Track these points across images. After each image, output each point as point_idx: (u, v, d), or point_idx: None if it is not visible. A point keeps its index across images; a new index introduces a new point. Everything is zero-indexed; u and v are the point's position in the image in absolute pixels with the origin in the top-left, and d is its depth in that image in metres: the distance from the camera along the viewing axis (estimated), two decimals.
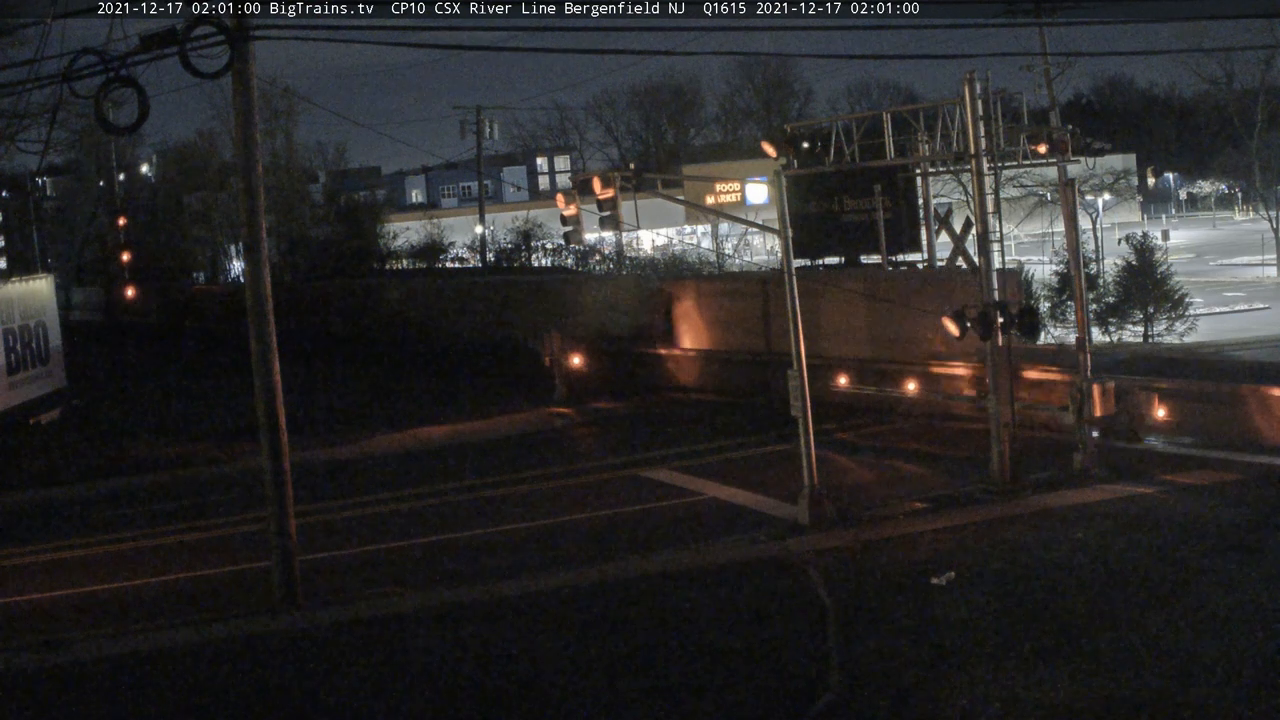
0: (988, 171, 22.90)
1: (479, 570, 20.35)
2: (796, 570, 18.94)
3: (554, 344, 36.70)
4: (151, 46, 17.23)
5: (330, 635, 17.56)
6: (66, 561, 22.98)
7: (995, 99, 23.27)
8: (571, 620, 17.48)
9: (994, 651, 14.74)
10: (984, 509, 21.36)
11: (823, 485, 21.46)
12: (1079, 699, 13.30)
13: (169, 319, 71.35)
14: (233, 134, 20.16)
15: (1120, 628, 15.20)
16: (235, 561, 21.88)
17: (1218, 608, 15.66)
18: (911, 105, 30.81)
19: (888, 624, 16.14)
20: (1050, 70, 51.86)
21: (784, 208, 22.12)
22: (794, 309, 21.54)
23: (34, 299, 38.31)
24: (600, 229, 27.51)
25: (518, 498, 25.43)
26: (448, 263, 64.47)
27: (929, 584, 17.48)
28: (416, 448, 31.98)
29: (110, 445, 33.44)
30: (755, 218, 55.92)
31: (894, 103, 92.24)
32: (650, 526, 22.29)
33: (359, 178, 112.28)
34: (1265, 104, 74.48)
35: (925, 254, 32.37)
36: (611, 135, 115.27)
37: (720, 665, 15.24)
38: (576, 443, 32.22)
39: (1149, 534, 19.15)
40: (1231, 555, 17.80)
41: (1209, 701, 13.02)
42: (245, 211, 18.89)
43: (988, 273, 22.63)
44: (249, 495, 24.00)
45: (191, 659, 16.94)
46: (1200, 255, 75.88)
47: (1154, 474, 22.63)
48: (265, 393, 18.87)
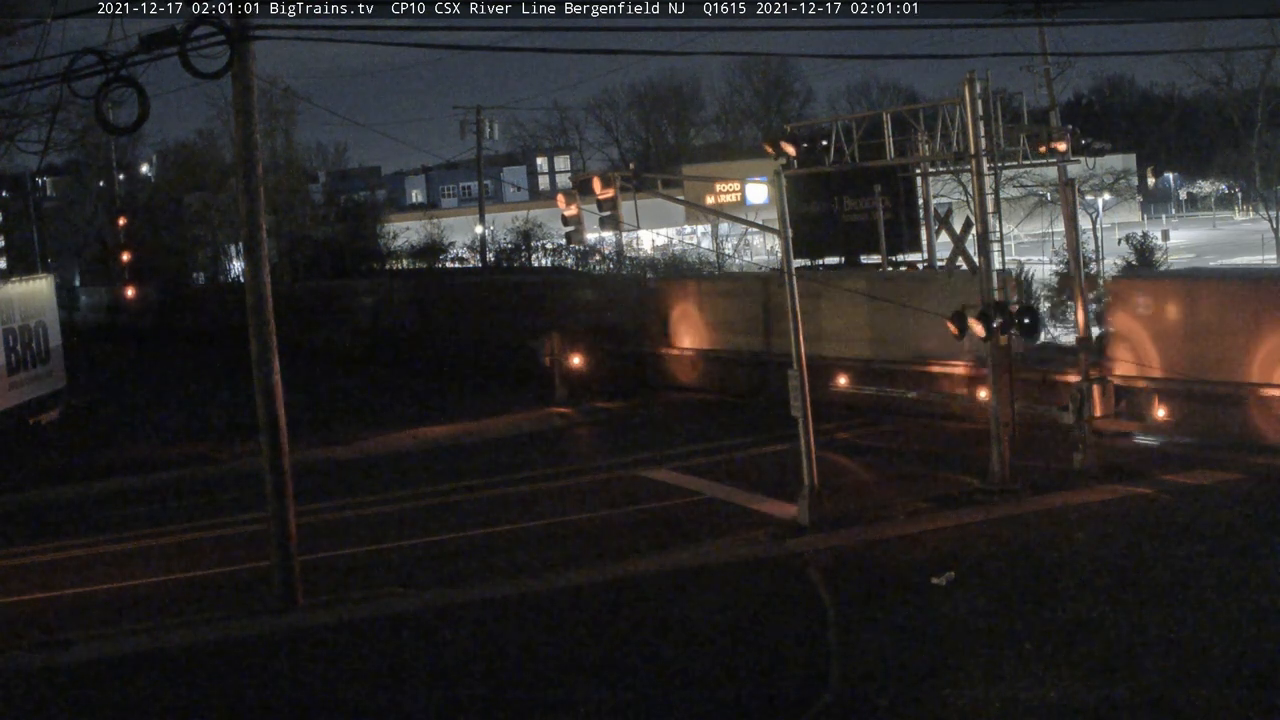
0: (988, 171, 22.90)
1: (479, 570, 20.35)
2: (796, 570, 18.95)
3: (554, 344, 36.70)
4: (151, 46, 17.21)
5: (330, 635, 17.56)
6: (66, 561, 22.97)
7: (995, 99, 23.27)
8: (571, 620, 17.49)
9: (994, 651, 14.74)
10: (984, 509, 21.35)
11: (823, 485, 21.46)
12: (1079, 699, 13.29)
13: (169, 319, 71.36)
14: (233, 134, 20.17)
15: (1120, 628, 15.20)
16: (235, 561, 21.87)
17: (1218, 608, 15.65)
18: (911, 105, 30.84)
19: (888, 624, 16.14)
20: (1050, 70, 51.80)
21: (784, 208, 22.12)
22: (794, 309, 21.53)
23: (34, 299, 38.34)
24: (600, 229, 27.51)
25: (518, 498, 25.42)
26: (448, 263, 64.48)
27: (929, 584, 17.48)
28: (416, 448, 31.98)
29: (110, 445, 33.43)
30: (755, 218, 55.88)
31: (894, 103, 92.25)
32: (650, 526, 22.28)
33: (359, 178, 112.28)
34: (1265, 104, 74.42)
35: (925, 254, 32.36)
36: (611, 135, 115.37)
37: (720, 665, 15.24)
38: (576, 443, 32.22)
39: (1149, 534, 19.15)
40: (1231, 555, 17.79)
41: (1209, 701, 13.02)
42: (245, 211, 18.89)
43: (988, 273, 22.64)
44: (249, 495, 23.98)
45: (191, 659, 16.94)
46: (1200, 255, 75.78)
47: (1154, 474, 22.63)
48: (265, 393, 18.86)
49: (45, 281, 41.10)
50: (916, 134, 26.64)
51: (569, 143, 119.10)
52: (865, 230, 32.97)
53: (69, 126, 43.35)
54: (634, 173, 25.21)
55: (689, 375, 37.17)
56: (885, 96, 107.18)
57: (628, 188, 23.75)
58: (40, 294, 39.19)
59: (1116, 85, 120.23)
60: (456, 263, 64.81)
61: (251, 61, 18.42)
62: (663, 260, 53.01)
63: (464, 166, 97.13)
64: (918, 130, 26.56)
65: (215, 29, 17.39)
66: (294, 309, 50.63)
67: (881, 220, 32.14)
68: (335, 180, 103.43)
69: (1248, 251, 72.81)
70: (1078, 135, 24.82)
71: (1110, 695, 13.33)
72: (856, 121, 26.99)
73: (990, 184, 22.95)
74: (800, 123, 34.71)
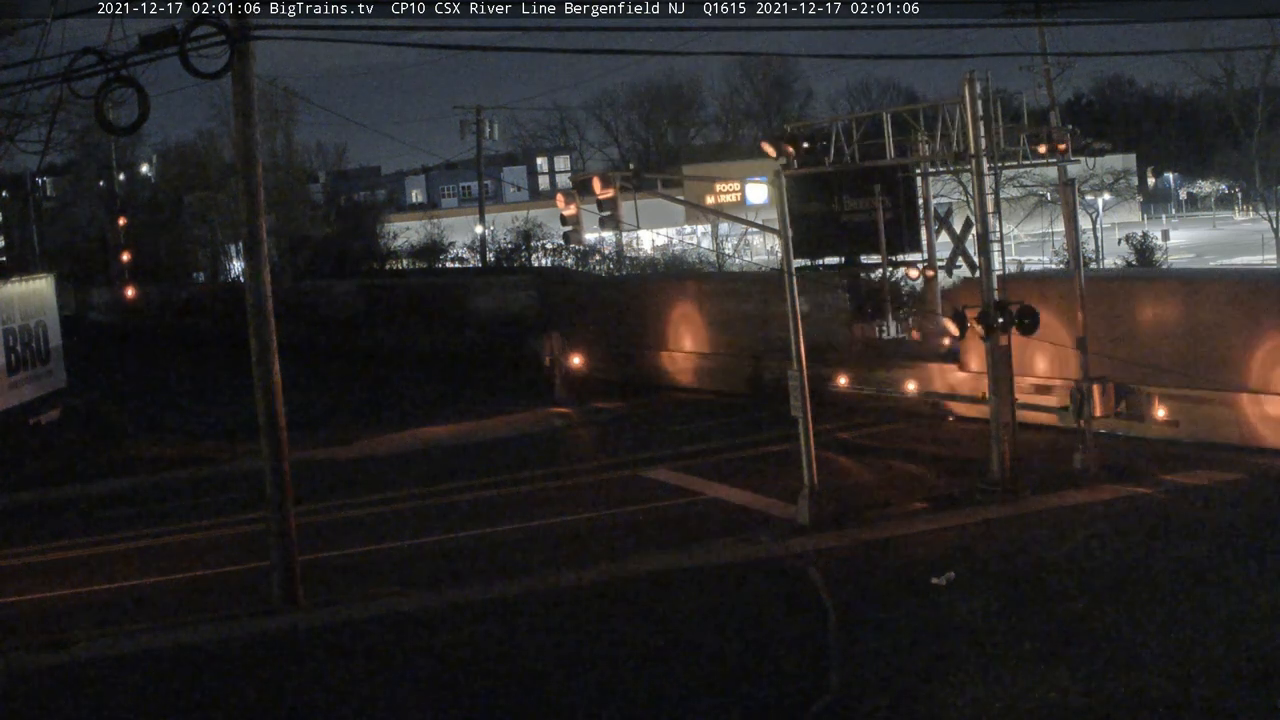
0: (988, 171, 22.89)
1: (479, 570, 20.36)
2: (796, 570, 18.94)
3: (554, 344, 36.69)
4: (151, 46, 17.21)
5: (330, 635, 17.56)
6: (67, 561, 22.99)
7: (995, 99, 23.26)
8: (571, 620, 17.49)
9: (994, 651, 14.73)
10: (984, 509, 21.35)
11: (823, 485, 21.46)
12: (1079, 699, 13.29)
13: (169, 318, 71.35)
14: (233, 134, 20.17)
15: (1120, 628, 15.20)
16: (235, 561, 21.88)
17: (1218, 608, 15.65)
18: (911, 105, 30.78)
19: (888, 624, 16.14)
20: (1050, 70, 51.91)
21: (784, 208, 22.12)
22: (794, 309, 21.54)
23: (34, 299, 38.29)
24: (600, 229, 27.52)
25: (518, 498, 25.43)
26: (448, 263, 64.50)
27: (929, 584, 17.47)
28: (416, 448, 31.98)
29: (110, 445, 33.41)
30: (755, 218, 55.87)
31: (894, 103, 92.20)
32: (650, 526, 22.29)
33: (359, 178, 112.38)
34: (1265, 104, 74.44)
35: (925, 254, 32.33)
36: (611, 135, 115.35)
37: (720, 665, 15.23)
38: (576, 443, 32.22)
39: (1149, 534, 19.16)
40: (1231, 555, 17.79)
41: (1209, 701, 13.02)
42: (245, 211, 18.89)
43: (988, 273, 22.63)
44: (249, 495, 24.00)
45: (191, 659, 16.94)
46: (1200, 255, 75.78)
47: (1154, 474, 22.63)
48: (265, 392, 18.86)
49: (45, 281, 40.99)
50: (916, 134, 26.61)
51: (569, 143, 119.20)
52: (865, 230, 32.90)
53: (69, 126, 43.29)
54: (634, 173, 25.21)
55: (688, 375, 37.16)
56: (885, 96, 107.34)
57: (628, 188, 23.73)
58: (40, 294, 39.13)
59: (1116, 85, 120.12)
60: (456, 263, 64.82)
61: (251, 61, 18.42)
62: (662, 260, 53.04)
63: (464, 166, 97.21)
64: (918, 130, 26.53)
65: (215, 29, 17.39)
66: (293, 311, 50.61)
67: (881, 220, 32.12)
68: (335, 180, 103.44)
69: (1247, 251, 72.79)
70: (1078, 135, 24.81)
71: (1110, 695, 13.33)
72: (856, 121, 26.97)
73: (990, 184, 22.95)
74: (800, 123, 34.61)
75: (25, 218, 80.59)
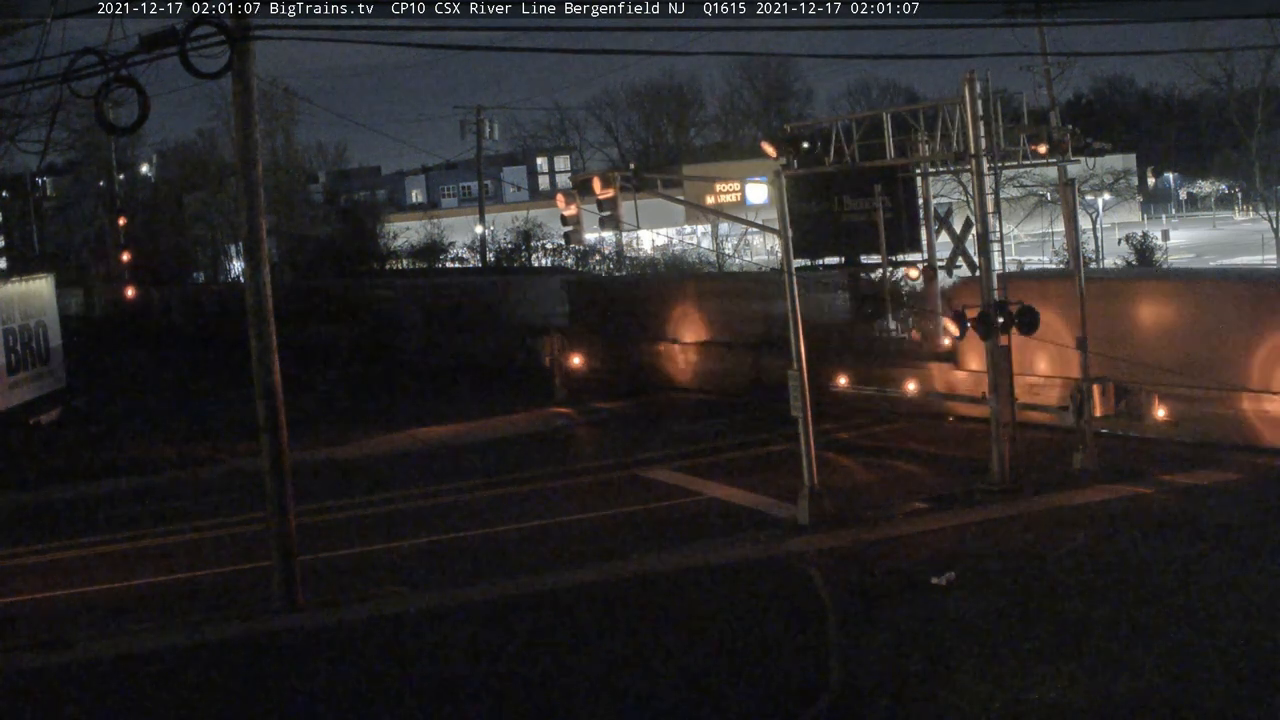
0: (988, 171, 22.89)
1: (479, 570, 20.36)
2: (796, 570, 18.94)
3: (554, 344, 36.69)
4: (151, 46, 17.21)
5: (330, 635, 17.55)
6: (66, 561, 22.98)
7: (995, 99, 23.26)
8: (572, 620, 17.48)
9: (994, 651, 14.73)
10: (984, 509, 21.34)
11: (823, 485, 21.46)
12: (1079, 699, 13.29)
13: (169, 319, 71.36)
14: (233, 134, 20.17)
15: (1120, 628, 15.19)
16: (235, 561, 21.88)
17: (1218, 607, 15.65)
18: (911, 105, 30.80)
19: (888, 624, 16.13)
20: (1050, 70, 51.94)
21: (784, 208, 22.12)
22: (794, 308, 21.53)
23: (34, 299, 38.31)
24: (600, 229, 27.55)
25: (518, 498, 25.43)
26: (448, 263, 64.51)
27: (929, 584, 17.47)
28: (416, 448, 31.98)
29: (110, 445, 33.41)
30: (755, 218, 55.90)
31: (894, 103, 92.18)
32: (650, 526, 22.29)
33: (359, 178, 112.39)
34: (1265, 104, 74.40)
35: (925, 254, 32.35)
36: (611, 135, 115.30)
37: (720, 665, 15.23)
38: (576, 443, 32.22)
39: (1149, 534, 19.14)
40: (1231, 555, 17.79)
41: (1209, 701, 13.02)
42: (245, 211, 18.88)
43: (988, 272, 22.63)
44: (249, 495, 23.98)
45: (191, 659, 16.93)
46: (1200, 255, 75.78)
47: (1154, 474, 22.62)
48: (265, 393, 18.85)
49: (45, 281, 41.02)
50: (916, 134, 26.60)
51: (569, 143, 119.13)
52: (865, 230, 32.92)
53: (69, 126, 43.41)
54: (634, 173, 25.15)
55: (688, 375, 37.16)
56: (885, 96, 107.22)
57: (628, 188, 23.72)
58: (40, 294, 39.15)
59: (1116, 85, 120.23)
60: (456, 263, 64.83)
61: (251, 61, 18.41)
62: (663, 260, 53.03)
63: (464, 166, 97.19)
64: (918, 130, 26.52)
65: (215, 29, 17.39)
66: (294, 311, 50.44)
67: (881, 220, 32.13)
68: (335, 180, 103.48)
69: (1247, 252, 72.80)
70: (1078, 135, 24.81)
71: (1110, 695, 13.33)
72: (856, 121, 26.97)
73: (990, 184, 22.95)
74: (800, 123, 34.63)
75: (25, 218, 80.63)
